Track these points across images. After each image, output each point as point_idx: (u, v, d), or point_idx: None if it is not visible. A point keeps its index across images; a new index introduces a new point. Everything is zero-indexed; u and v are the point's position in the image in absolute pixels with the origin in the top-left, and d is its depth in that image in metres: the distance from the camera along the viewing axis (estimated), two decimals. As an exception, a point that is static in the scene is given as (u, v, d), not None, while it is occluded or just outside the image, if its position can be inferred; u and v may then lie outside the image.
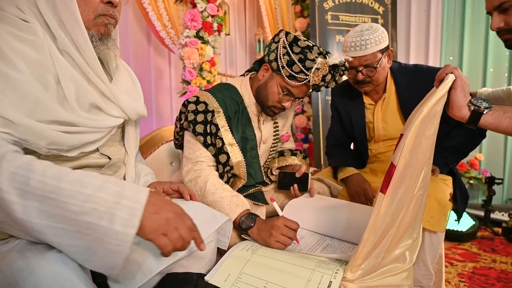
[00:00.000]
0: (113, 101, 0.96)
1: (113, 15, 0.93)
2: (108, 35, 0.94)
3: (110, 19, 0.93)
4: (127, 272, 0.87)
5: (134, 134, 1.13)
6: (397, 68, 1.63)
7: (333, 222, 1.24)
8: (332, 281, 0.91)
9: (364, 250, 0.90)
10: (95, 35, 0.91)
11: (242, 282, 0.93)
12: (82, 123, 0.86)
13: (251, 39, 3.63)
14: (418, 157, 0.87)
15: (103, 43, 0.93)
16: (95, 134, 0.90)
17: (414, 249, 1.02)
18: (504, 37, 1.19)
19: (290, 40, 1.26)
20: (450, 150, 1.56)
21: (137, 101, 1.06)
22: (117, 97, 0.96)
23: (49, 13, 0.85)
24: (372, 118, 1.68)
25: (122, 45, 2.51)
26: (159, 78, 2.84)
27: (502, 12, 1.13)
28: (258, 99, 1.38)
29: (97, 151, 0.97)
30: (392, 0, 3.22)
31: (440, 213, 1.34)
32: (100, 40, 0.92)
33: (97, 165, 0.98)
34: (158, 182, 1.14)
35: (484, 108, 0.92)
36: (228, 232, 1.10)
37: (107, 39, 0.94)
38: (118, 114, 0.97)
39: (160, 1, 2.28)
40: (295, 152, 1.58)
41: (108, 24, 0.93)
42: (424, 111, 0.83)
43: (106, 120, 0.94)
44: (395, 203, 0.87)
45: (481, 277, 1.92)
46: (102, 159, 0.98)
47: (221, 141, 1.29)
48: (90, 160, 0.95)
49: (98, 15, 0.90)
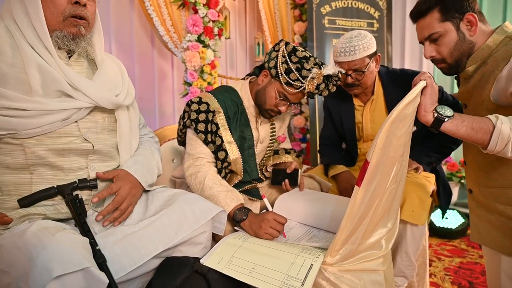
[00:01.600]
0: (79, 89, 1.02)
1: (82, 14, 1.02)
2: (80, 35, 1.04)
3: (79, 21, 1.02)
4: (126, 254, 0.97)
5: (127, 124, 1.19)
6: (384, 72, 1.74)
7: (319, 214, 1.35)
8: (313, 264, 1.02)
9: (341, 237, 1.01)
10: (67, 35, 1.01)
11: (233, 264, 1.05)
12: (34, 108, 0.94)
13: (251, 42, 3.75)
14: (389, 154, 0.98)
15: (75, 42, 1.03)
16: (55, 115, 0.98)
17: (390, 238, 1.13)
18: (439, 66, 1.31)
19: (289, 50, 1.37)
20: (433, 150, 1.66)
21: (114, 92, 1.14)
22: (80, 86, 1.02)
23: (23, 18, 0.97)
24: (361, 118, 1.79)
25: (128, 49, 2.64)
26: (162, 79, 2.96)
27: (433, 42, 1.25)
28: (256, 102, 1.49)
29: (81, 136, 1.05)
30: (388, 5, 3.32)
31: (420, 207, 1.44)
32: (72, 40, 1.02)
33: (82, 149, 1.06)
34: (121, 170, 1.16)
35: (446, 116, 1.03)
36: (223, 219, 1.21)
37: (80, 38, 1.04)
38: (87, 100, 1.04)
39: (163, 7, 2.40)
40: (289, 151, 1.69)
41: (77, 25, 1.02)
42: (393, 114, 0.94)
43: (69, 104, 1.01)
44: (369, 195, 0.98)
45: (466, 271, 2.02)
46: (83, 144, 1.06)
47: (220, 139, 1.40)
48: (72, 145, 1.03)
49: (66, 17, 1.00)
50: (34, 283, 0.70)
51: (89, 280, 0.76)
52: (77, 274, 0.74)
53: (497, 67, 1.15)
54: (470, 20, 1.20)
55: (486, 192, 1.29)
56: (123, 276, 0.95)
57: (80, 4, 1.02)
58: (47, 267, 0.71)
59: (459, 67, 1.28)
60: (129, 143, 1.21)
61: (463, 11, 1.20)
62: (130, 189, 1.10)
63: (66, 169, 1.05)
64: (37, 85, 0.96)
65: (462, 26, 1.22)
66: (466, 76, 1.29)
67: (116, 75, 1.19)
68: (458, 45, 1.23)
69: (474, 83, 1.25)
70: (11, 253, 0.82)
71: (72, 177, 1.06)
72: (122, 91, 1.18)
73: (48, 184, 1.03)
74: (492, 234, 1.29)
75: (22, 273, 0.77)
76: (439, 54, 1.27)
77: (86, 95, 1.04)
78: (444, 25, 1.22)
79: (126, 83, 1.22)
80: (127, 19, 2.59)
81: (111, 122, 1.16)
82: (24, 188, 1.01)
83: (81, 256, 0.79)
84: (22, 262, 0.78)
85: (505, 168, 1.21)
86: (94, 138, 1.09)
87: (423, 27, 1.27)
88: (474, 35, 1.22)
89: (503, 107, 1.15)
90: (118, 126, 1.17)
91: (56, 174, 1.04)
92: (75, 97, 1.02)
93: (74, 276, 0.73)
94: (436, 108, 1.05)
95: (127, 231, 1.02)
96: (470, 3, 1.21)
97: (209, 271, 1.03)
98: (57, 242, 0.79)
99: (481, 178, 1.30)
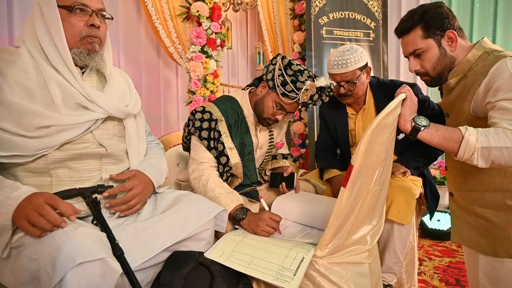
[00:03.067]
0: (94, 102, 1.15)
1: (96, 34, 1.17)
2: (94, 51, 1.18)
3: (94, 39, 1.17)
4: (138, 248, 1.08)
5: (134, 131, 1.32)
6: (375, 83, 1.87)
7: (313, 214, 1.47)
8: (305, 257, 1.14)
9: (330, 232, 1.14)
10: (83, 52, 1.15)
11: (233, 257, 1.17)
12: (64, 121, 1.07)
13: (251, 52, 3.89)
14: (371, 159, 1.10)
15: (90, 57, 1.17)
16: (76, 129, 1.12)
17: (375, 234, 1.25)
18: (423, 79, 1.42)
19: (285, 64, 1.50)
20: (420, 155, 1.78)
21: (124, 102, 1.27)
22: (94, 98, 1.15)
23: (46, 40, 1.11)
24: (354, 126, 1.92)
25: (135, 60, 2.78)
26: (167, 88, 3.09)
27: (417, 57, 1.36)
28: (255, 111, 1.61)
29: (95, 141, 1.18)
30: (383, 16, 3.46)
31: (406, 208, 1.56)
32: (87, 55, 1.17)
33: (96, 153, 1.18)
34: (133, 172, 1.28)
35: (422, 126, 1.15)
36: (224, 218, 1.33)
37: (94, 54, 1.18)
38: (101, 111, 1.17)
39: (169, 20, 2.55)
40: (286, 156, 1.82)
41: (92, 42, 1.17)
42: (374, 123, 1.06)
43: (85, 116, 1.13)
44: (353, 195, 1.11)
45: (454, 269, 2.13)
46: (98, 149, 1.18)
47: (222, 145, 1.52)
48: (89, 149, 1.16)
49: (83, 37, 1.15)
50: (60, 268, 0.83)
51: (105, 269, 0.89)
52: (95, 263, 0.87)
53: (476, 80, 1.26)
54: (450, 36, 1.31)
55: (465, 195, 1.40)
56: (135, 268, 1.07)
57: (95, 26, 1.17)
58: (71, 255, 0.84)
59: (441, 79, 1.39)
60: (137, 148, 1.33)
61: (444, 29, 1.31)
62: (142, 189, 1.23)
63: (82, 170, 1.17)
64: (58, 100, 1.10)
65: (443, 42, 1.32)
66: (449, 88, 1.40)
67: (124, 87, 1.32)
68: (440, 60, 1.34)
69: (456, 95, 1.36)
70: (40, 243, 0.94)
71: (86, 178, 1.17)
72: (130, 102, 1.31)
73: (66, 185, 1.14)
74: (470, 234, 1.39)
75: (49, 259, 0.89)
76: (423, 68, 1.38)
77: (100, 106, 1.17)
78: (427, 41, 1.33)
79: (133, 94, 1.35)
80: (135, 32, 2.73)
81: (120, 129, 1.28)
82: (45, 189, 1.11)
83: (99, 248, 0.91)
84: (49, 250, 0.90)
85: (481, 174, 1.32)
86: (107, 143, 1.21)
87: (408, 43, 1.38)
88: (454, 50, 1.33)
89: (480, 118, 1.27)
90: (126, 133, 1.29)
91: (72, 175, 1.15)
92: (90, 108, 1.15)
93: (93, 264, 0.86)
94: (414, 118, 1.17)
95: (139, 227, 1.14)
96: (450, 21, 1.31)
97: (212, 263, 1.15)
98: (79, 234, 0.92)
99: (460, 183, 1.42)
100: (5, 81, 1.05)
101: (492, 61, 1.23)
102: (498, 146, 1.08)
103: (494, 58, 1.23)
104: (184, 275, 1.11)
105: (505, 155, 1.08)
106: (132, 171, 1.25)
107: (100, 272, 0.89)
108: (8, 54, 1.10)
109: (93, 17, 1.16)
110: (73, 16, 1.13)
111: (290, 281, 1.05)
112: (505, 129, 1.09)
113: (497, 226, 1.30)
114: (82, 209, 1.16)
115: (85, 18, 1.15)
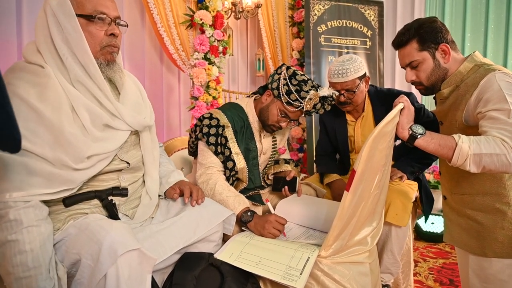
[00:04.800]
0: (120, 118, 1.12)
1: (116, 44, 1.13)
2: (114, 61, 1.14)
3: (114, 48, 1.12)
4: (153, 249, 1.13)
5: (149, 138, 1.32)
6: (373, 92, 1.96)
7: (315, 217, 1.55)
8: (310, 257, 1.21)
9: (333, 234, 1.21)
10: (103, 63, 1.11)
11: (242, 258, 1.23)
12: (103, 150, 1.06)
13: (251, 58, 3.97)
14: (372, 165, 1.18)
15: (110, 68, 1.13)
16: (111, 155, 1.12)
17: (375, 235, 1.32)
18: (417, 88, 1.51)
19: (290, 74, 1.57)
20: (416, 161, 1.87)
21: (141, 114, 1.23)
22: (122, 114, 1.13)
23: (64, 50, 1.03)
24: (353, 132, 2.00)
25: (139, 65, 2.84)
26: (170, 93, 3.16)
27: (413, 68, 1.45)
28: (260, 118, 1.68)
29: (117, 158, 1.18)
30: (379, 25, 3.56)
31: (403, 211, 1.64)
32: (107, 66, 1.12)
33: (117, 169, 1.18)
34: (181, 181, 1.39)
35: (418, 134, 1.23)
36: (232, 221, 1.39)
37: (113, 64, 1.14)
38: (126, 128, 1.15)
39: (173, 28, 2.62)
40: (288, 161, 1.89)
41: (112, 52, 1.13)
42: (375, 131, 1.14)
43: (116, 137, 1.12)
44: (356, 199, 1.18)
45: (448, 270, 2.21)
46: (121, 165, 1.18)
47: (229, 151, 1.59)
48: (111, 166, 1.15)
49: (103, 46, 1.10)
50: (105, 260, 0.89)
51: (142, 258, 0.95)
52: (133, 253, 0.93)
53: (468, 91, 1.35)
54: (443, 49, 1.40)
55: (457, 198, 1.49)
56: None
57: (115, 35, 1.12)
58: (113, 248, 0.90)
59: (434, 89, 1.48)
60: (151, 154, 1.34)
61: (438, 42, 1.39)
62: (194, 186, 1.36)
63: (101, 180, 1.17)
64: (88, 124, 1.05)
65: (437, 54, 1.41)
66: (442, 98, 1.49)
67: (137, 95, 1.30)
68: (434, 71, 1.43)
69: (449, 104, 1.45)
70: (78, 239, 1.00)
71: (105, 186, 1.18)
72: (146, 111, 1.30)
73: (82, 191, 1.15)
74: (461, 236, 1.48)
75: (89, 252, 0.94)
76: (418, 78, 1.46)
77: (126, 122, 1.15)
78: (422, 54, 1.42)
79: (146, 102, 1.34)
80: (139, 39, 2.80)
81: (135, 138, 1.28)
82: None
83: (134, 239, 0.98)
84: (89, 244, 0.96)
85: (473, 178, 1.41)
86: (127, 156, 1.22)
87: (404, 56, 1.47)
88: (447, 62, 1.42)
89: (471, 126, 1.36)
90: (141, 142, 1.30)
91: (92, 184, 1.16)
92: (114, 126, 1.12)
93: (131, 254, 0.92)
94: (411, 127, 1.25)
95: (154, 229, 1.20)
96: (443, 34, 1.40)
97: (222, 264, 1.22)
98: (116, 228, 0.98)
99: (453, 187, 1.50)
100: (51, 107, 0.98)
101: (482, 73, 1.32)
102: (489, 153, 1.16)
103: (484, 71, 1.32)
104: (196, 275, 1.16)
105: (495, 161, 1.17)
106: (178, 182, 1.39)
107: (138, 261, 0.95)
108: (36, 75, 1.01)
109: (112, 26, 1.11)
110: (93, 25, 1.07)
111: (297, 280, 1.12)
112: (495, 137, 1.18)
113: (486, 228, 1.38)
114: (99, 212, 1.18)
115: (104, 27, 1.10)
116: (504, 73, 1.26)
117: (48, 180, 0.98)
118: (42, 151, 0.97)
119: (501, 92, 1.21)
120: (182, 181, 1.40)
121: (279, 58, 3.70)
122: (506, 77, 1.24)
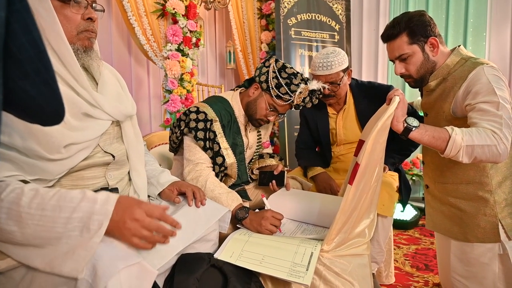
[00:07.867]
0: (99, 108, 1.05)
1: (94, 29, 1.06)
2: (91, 48, 1.07)
3: (92, 33, 1.05)
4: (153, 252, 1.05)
5: (132, 131, 1.24)
6: (354, 85, 1.99)
7: (307, 210, 1.54)
8: (313, 252, 1.20)
9: (336, 227, 1.21)
10: (80, 49, 1.03)
11: (244, 257, 1.20)
12: (82, 138, 0.99)
13: (221, 50, 3.88)
14: (374, 158, 1.19)
15: (87, 54, 1.05)
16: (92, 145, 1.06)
17: (371, 227, 1.34)
18: (407, 80, 1.57)
19: (279, 67, 1.54)
20: (396, 152, 1.93)
21: (123, 103, 1.16)
22: (101, 105, 1.05)
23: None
24: (335, 125, 2.01)
25: (106, 56, 2.66)
26: (139, 87, 2.99)
27: (402, 61, 1.50)
28: (247, 112, 1.64)
29: (101, 150, 1.10)
30: (347, 19, 3.64)
31: (389, 201, 1.69)
32: (85, 53, 1.04)
33: (102, 163, 1.11)
34: (178, 182, 1.33)
35: (413, 126, 1.26)
36: (227, 218, 1.35)
37: (91, 51, 1.06)
38: (106, 117, 1.08)
39: (144, 17, 2.47)
40: (273, 155, 1.87)
41: (90, 38, 1.05)
42: (379, 125, 1.15)
43: (96, 127, 1.04)
44: (359, 192, 1.19)
45: (421, 256, 2.33)
46: (105, 157, 1.12)
47: (218, 146, 1.53)
48: (95, 159, 1.07)
49: (80, 31, 1.02)
50: (103, 276, 0.80)
51: (142, 272, 0.87)
52: (133, 267, 0.85)
53: (456, 84, 1.40)
54: (432, 43, 1.44)
55: (441, 187, 1.56)
56: None
57: (92, 20, 1.05)
58: (113, 262, 0.82)
59: (423, 82, 1.53)
60: (136, 148, 1.25)
61: (427, 35, 1.43)
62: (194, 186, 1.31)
63: (86, 178, 1.08)
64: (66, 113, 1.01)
65: (426, 48, 1.45)
66: (429, 90, 1.54)
67: (116, 85, 1.21)
68: (423, 64, 1.47)
69: (436, 96, 1.50)
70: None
71: (91, 185, 1.10)
72: (127, 101, 1.21)
73: None
74: (444, 223, 1.55)
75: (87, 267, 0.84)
76: (407, 71, 1.50)
77: (105, 112, 1.08)
78: (412, 47, 1.45)
79: (127, 92, 1.25)
80: (106, 29, 2.61)
81: (118, 130, 1.20)
82: None
83: (134, 252, 0.90)
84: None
85: (457, 168, 1.48)
86: (111, 149, 1.14)
87: (394, 48, 1.49)
88: (436, 55, 1.46)
89: (458, 118, 1.41)
90: (124, 134, 1.21)
91: (77, 184, 1.07)
92: (94, 116, 1.05)
93: (131, 268, 0.84)
94: (406, 119, 1.28)
95: None
96: (432, 28, 1.44)
97: (224, 264, 1.17)
98: (114, 241, 0.90)
99: (437, 176, 1.57)
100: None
101: (470, 67, 1.37)
102: (481, 144, 1.22)
103: (471, 65, 1.38)
104: (198, 277, 1.11)
105: (486, 152, 1.23)
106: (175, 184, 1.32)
107: (138, 275, 0.87)
108: None
109: (89, 10, 1.04)
110: (68, 8, 0.99)
111: (304, 276, 1.10)
112: (485, 128, 1.23)
113: (469, 215, 1.46)
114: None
115: (80, 11, 1.02)
116: (491, 67, 1.32)
117: (22, 168, 0.93)
118: (10, 140, 0.89)
119: (490, 85, 1.27)
120: (178, 181, 1.33)
121: (249, 51, 3.65)
122: (493, 71, 1.31)
